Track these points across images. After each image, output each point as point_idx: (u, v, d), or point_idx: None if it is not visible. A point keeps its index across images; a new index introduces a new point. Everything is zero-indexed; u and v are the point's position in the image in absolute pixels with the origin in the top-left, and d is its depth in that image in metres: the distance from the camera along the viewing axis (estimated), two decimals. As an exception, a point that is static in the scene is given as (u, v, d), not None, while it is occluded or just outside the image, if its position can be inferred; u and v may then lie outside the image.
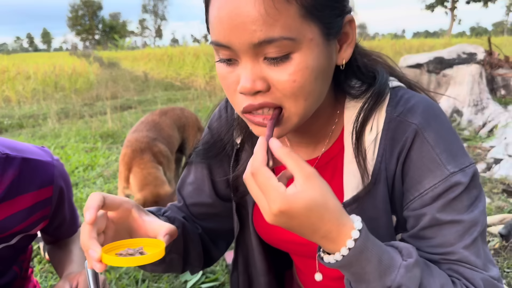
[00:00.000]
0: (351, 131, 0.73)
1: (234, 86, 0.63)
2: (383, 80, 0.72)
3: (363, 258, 0.59)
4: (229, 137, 0.88)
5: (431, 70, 5.06)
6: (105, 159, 4.55)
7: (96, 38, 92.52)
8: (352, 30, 0.67)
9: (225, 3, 0.59)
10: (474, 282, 0.67)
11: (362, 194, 0.72)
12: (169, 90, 11.14)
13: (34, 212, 0.96)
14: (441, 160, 0.67)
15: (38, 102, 9.35)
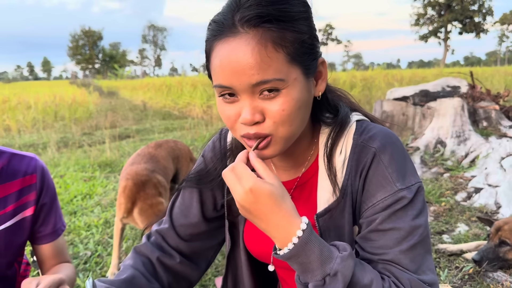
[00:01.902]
0: (323, 154, 0.89)
1: (234, 118, 0.79)
2: (344, 113, 0.90)
3: (308, 248, 0.72)
4: (222, 165, 1.00)
5: (416, 103, 5.29)
6: (103, 188, 4.69)
7: (96, 67, 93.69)
8: (324, 68, 0.84)
9: (227, 55, 0.74)
10: (401, 281, 0.79)
11: (332, 206, 0.86)
12: (167, 119, 11.33)
13: (22, 195, 1.17)
14: (392, 178, 0.82)
15: (38, 131, 9.50)
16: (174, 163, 3.14)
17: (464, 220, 3.30)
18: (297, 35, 0.75)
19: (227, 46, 0.74)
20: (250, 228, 1.02)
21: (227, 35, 0.75)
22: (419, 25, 53.23)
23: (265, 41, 0.73)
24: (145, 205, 2.62)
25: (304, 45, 0.77)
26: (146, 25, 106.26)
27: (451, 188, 3.94)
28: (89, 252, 3.06)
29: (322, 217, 0.87)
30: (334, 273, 0.73)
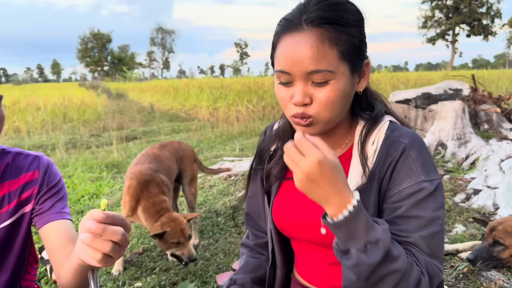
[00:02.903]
0: (358, 142, 1.02)
1: (288, 99, 0.95)
2: (379, 111, 1.04)
3: (359, 217, 0.82)
4: (268, 146, 1.19)
5: (418, 105, 5.34)
6: (109, 188, 4.80)
7: (105, 69, 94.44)
8: (367, 69, 1.00)
9: (291, 46, 0.91)
10: (419, 260, 0.90)
11: (361, 188, 0.97)
12: (174, 121, 11.46)
13: (24, 191, 1.19)
14: (417, 171, 0.94)
15: (47, 132, 9.68)
16: (178, 164, 3.23)
17: (462, 221, 3.35)
18: (350, 38, 0.91)
19: (293, 39, 0.91)
20: (278, 201, 1.14)
21: (294, 30, 0.91)
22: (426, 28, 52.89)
23: (323, 39, 0.89)
24: (148, 203, 2.72)
25: (354, 47, 0.92)
26: (155, 28, 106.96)
27: (450, 189, 3.99)
28: (95, 250, 3.16)
29: None
30: (376, 241, 0.83)
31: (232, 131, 8.84)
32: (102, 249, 0.79)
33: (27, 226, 1.22)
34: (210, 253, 3.09)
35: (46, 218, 1.19)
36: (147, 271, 2.87)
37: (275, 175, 1.15)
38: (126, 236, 0.81)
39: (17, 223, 1.19)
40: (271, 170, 1.16)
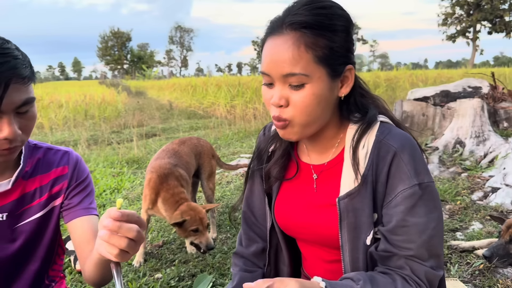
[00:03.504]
0: (349, 147, 1.02)
1: (269, 100, 0.98)
2: (372, 114, 1.03)
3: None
4: (267, 146, 1.19)
5: (437, 103, 5.31)
6: (130, 183, 4.93)
7: (125, 67, 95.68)
8: (351, 75, 0.99)
9: (271, 48, 0.95)
10: (418, 274, 0.93)
11: (353, 191, 0.98)
12: (192, 119, 11.59)
13: (54, 185, 1.23)
14: (410, 174, 0.95)
15: (69, 129, 9.90)
16: (196, 159, 3.32)
17: (479, 218, 3.35)
18: (329, 42, 0.93)
19: (273, 41, 0.95)
20: (280, 202, 1.16)
21: (275, 33, 0.95)
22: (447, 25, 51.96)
23: (299, 43, 0.91)
24: (167, 195, 2.82)
25: (333, 52, 0.93)
26: (173, 27, 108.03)
27: (467, 187, 3.98)
28: (117, 242, 3.27)
29: (342, 200, 1.00)
30: None
31: (249, 128, 8.91)
32: (118, 245, 0.86)
33: (57, 219, 1.27)
34: (228, 246, 3.16)
35: (74, 213, 1.25)
36: (167, 263, 2.96)
37: (275, 176, 1.16)
38: (141, 233, 0.88)
39: (47, 216, 1.24)
40: (270, 170, 1.17)
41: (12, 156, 1.06)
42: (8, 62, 0.96)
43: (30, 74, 1.02)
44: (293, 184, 1.14)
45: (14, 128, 1.00)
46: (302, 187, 1.12)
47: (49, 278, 1.33)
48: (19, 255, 1.21)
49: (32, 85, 1.05)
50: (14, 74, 0.97)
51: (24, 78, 0.99)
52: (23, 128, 1.04)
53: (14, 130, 1.00)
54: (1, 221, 1.15)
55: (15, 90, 0.98)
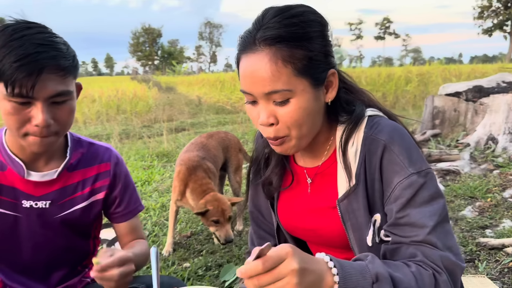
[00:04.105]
0: (339, 147, 1.00)
1: (257, 119, 0.94)
2: (359, 111, 1.00)
3: (347, 270, 0.78)
4: (263, 151, 1.17)
5: (469, 99, 5.19)
6: (160, 175, 5.07)
7: (155, 63, 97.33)
8: (335, 79, 0.96)
9: (247, 67, 0.91)
10: (433, 259, 0.86)
11: (349, 192, 0.96)
12: (220, 114, 11.71)
13: (97, 180, 1.30)
14: (404, 164, 0.91)
15: (102, 123, 10.20)
16: (224, 153, 3.39)
17: (510, 216, 3.28)
18: (306, 52, 0.89)
19: (248, 59, 0.91)
20: (282, 208, 1.16)
21: (249, 50, 0.91)
22: (483, 18, 50.17)
23: (276, 58, 0.87)
24: (195, 185, 2.91)
25: (312, 61, 0.90)
26: (203, 22, 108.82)
27: (499, 184, 3.89)
28: (147, 232, 3.39)
29: (342, 202, 0.98)
30: (376, 276, 0.79)
31: (277, 123, 8.91)
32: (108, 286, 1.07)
33: (97, 211, 1.35)
34: (254, 238, 3.22)
35: (120, 218, 1.38)
36: (195, 253, 3.05)
37: (274, 186, 1.14)
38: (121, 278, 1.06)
39: (89, 208, 1.31)
40: (269, 178, 1.15)
41: (44, 146, 1.10)
42: (47, 52, 1.01)
43: (70, 68, 1.07)
44: (290, 191, 1.14)
45: (46, 117, 1.04)
46: (299, 193, 1.12)
47: (82, 265, 1.42)
48: (59, 243, 1.28)
49: (73, 80, 1.10)
50: (50, 64, 1.01)
51: (62, 70, 1.04)
52: (57, 118, 1.08)
53: (46, 119, 1.04)
54: (44, 208, 1.22)
55: (49, 79, 1.02)
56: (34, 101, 1.03)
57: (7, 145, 1.18)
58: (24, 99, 1.02)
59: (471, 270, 2.52)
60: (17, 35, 1.00)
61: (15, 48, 0.99)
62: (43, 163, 1.21)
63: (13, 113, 1.03)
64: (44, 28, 1.07)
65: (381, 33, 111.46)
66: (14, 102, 1.02)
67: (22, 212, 1.20)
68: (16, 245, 1.23)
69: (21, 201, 1.19)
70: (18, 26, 1.03)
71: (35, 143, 1.08)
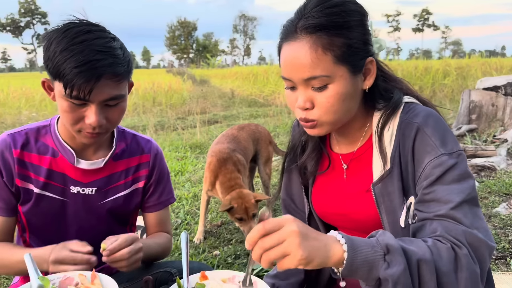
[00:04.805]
0: (375, 132, 1.03)
1: (294, 103, 1.00)
2: (397, 98, 1.04)
3: (357, 244, 0.80)
4: (300, 139, 1.22)
5: (508, 93, 5.01)
6: (193, 166, 5.20)
7: (190, 56, 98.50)
8: (373, 66, 1.00)
9: (288, 54, 0.96)
10: (455, 233, 0.87)
11: (384, 175, 1.00)
12: (253, 107, 11.78)
13: (138, 169, 1.38)
14: (435, 145, 0.93)
15: (139, 115, 10.47)
16: (254, 145, 3.45)
17: (546, 214, 3.18)
18: (345, 40, 0.93)
19: (289, 47, 0.96)
20: (316, 193, 1.19)
21: (290, 38, 0.96)
22: (530, 8, 47.63)
23: (316, 46, 0.92)
24: (224, 179, 2.99)
25: (351, 49, 0.94)
26: (237, 15, 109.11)
27: (537, 182, 3.77)
28: (179, 220, 3.50)
29: (376, 185, 1.01)
30: (387, 248, 0.81)
31: (309, 117, 8.89)
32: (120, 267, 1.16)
33: (138, 201, 1.42)
34: (282, 229, 3.28)
35: (151, 208, 1.45)
36: (225, 241, 3.14)
37: (310, 171, 1.18)
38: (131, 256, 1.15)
39: (130, 195, 1.39)
40: (305, 164, 1.19)
41: (94, 140, 1.20)
42: (105, 60, 1.08)
43: (125, 73, 1.14)
44: (326, 176, 1.18)
45: (99, 118, 1.12)
46: (334, 178, 1.16)
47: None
48: (100, 228, 1.36)
49: (127, 82, 1.18)
50: (108, 71, 1.08)
51: (117, 76, 1.11)
52: (109, 118, 1.16)
53: (99, 120, 1.12)
54: (90, 194, 1.32)
55: (105, 85, 1.09)
56: (89, 103, 1.11)
57: (59, 133, 1.27)
58: (81, 101, 1.10)
59: (502, 267, 2.48)
60: (78, 39, 1.07)
61: (76, 53, 1.06)
62: (91, 152, 1.30)
63: (69, 111, 1.12)
64: (103, 32, 1.13)
65: (420, 25, 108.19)
66: (71, 102, 1.10)
67: (69, 197, 1.29)
68: (63, 228, 1.32)
69: (69, 187, 1.28)
70: (80, 29, 1.10)
71: (86, 138, 1.18)
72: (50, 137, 1.28)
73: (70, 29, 1.09)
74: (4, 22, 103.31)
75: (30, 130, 1.29)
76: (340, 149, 1.15)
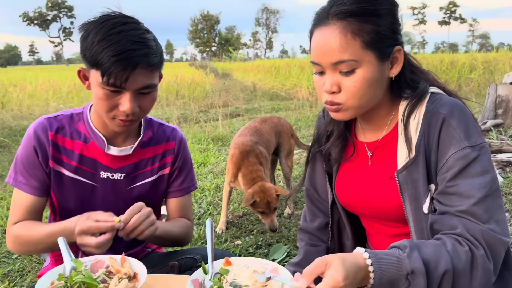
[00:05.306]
0: (401, 121, 1.06)
1: (321, 87, 1.03)
2: (422, 88, 1.06)
3: (381, 261, 0.86)
4: (326, 129, 1.25)
5: (536, 88, 4.89)
6: (215, 158, 5.28)
7: (213, 50, 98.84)
8: (400, 55, 1.03)
9: (319, 39, 1.00)
10: (473, 232, 0.91)
11: (409, 163, 1.02)
12: (274, 100, 11.78)
13: (164, 156, 1.43)
14: (460, 137, 0.96)
15: (162, 107, 10.60)
16: (276, 138, 3.50)
17: None
18: (375, 27, 0.97)
19: (320, 32, 1.00)
20: (340, 180, 1.22)
21: (322, 24, 1.00)
22: None
23: (346, 31, 0.96)
24: (247, 171, 3.06)
25: (380, 35, 0.97)
26: (260, 8, 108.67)
27: None
28: (202, 210, 3.59)
29: (401, 173, 1.03)
30: (411, 270, 0.86)
31: (331, 110, 8.85)
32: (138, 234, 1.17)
33: (164, 186, 1.47)
34: (303, 221, 3.32)
35: (173, 193, 1.49)
36: (246, 232, 3.21)
37: (334, 158, 1.22)
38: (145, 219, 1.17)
39: (157, 182, 1.44)
40: (329, 151, 1.23)
41: (129, 127, 1.26)
42: (141, 50, 1.13)
43: (158, 63, 1.19)
44: (350, 163, 1.21)
45: (133, 105, 1.17)
46: (359, 165, 1.18)
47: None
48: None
49: (158, 73, 1.23)
50: (143, 61, 1.13)
51: (151, 66, 1.17)
52: (141, 106, 1.22)
53: (133, 107, 1.17)
54: (119, 180, 1.38)
55: (140, 74, 1.15)
56: (124, 91, 1.16)
57: (91, 121, 1.34)
58: (116, 89, 1.15)
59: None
60: (115, 30, 1.13)
61: (114, 43, 1.11)
62: (121, 140, 1.36)
63: (104, 99, 1.17)
64: (138, 24, 1.19)
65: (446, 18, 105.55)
66: (107, 89, 1.15)
67: (99, 182, 1.36)
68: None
69: (99, 172, 1.35)
70: (117, 21, 1.15)
71: (119, 126, 1.24)
72: (82, 124, 1.34)
73: (107, 21, 1.15)
74: (32, 16, 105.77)
75: (65, 116, 1.35)
76: (365, 137, 1.18)
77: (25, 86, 12.58)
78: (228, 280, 1.01)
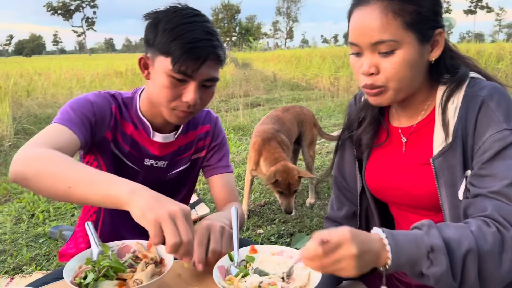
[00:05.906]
0: (439, 105, 1.02)
1: (358, 69, 1.00)
2: (461, 73, 1.03)
3: (398, 239, 0.81)
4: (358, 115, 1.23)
5: None
6: (236, 148, 5.29)
7: (233, 39, 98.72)
8: (441, 38, 1.00)
9: (358, 19, 0.98)
10: (504, 213, 0.87)
11: (446, 149, 0.99)
12: (295, 90, 11.71)
13: (200, 140, 1.43)
14: (499, 119, 0.93)
15: (183, 97, 10.72)
16: (298, 127, 3.46)
17: None
18: (416, 8, 0.94)
19: (360, 12, 0.98)
20: (371, 166, 1.19)
21: (362, 4, 0.98)
22: None
23: (387, 11, 0.93)
24: (269, 154, 3.04)
25: (421, 17, 0.95)
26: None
27: None
28: (223, 199, 3.60)
29: (437, 159, 1.01)
30: (431, 247, 0.82)
31: (353, 101, 8.76)
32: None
33: (198, 169, 1.48)
34: (325, 212, 3.30)
35: (213, 170, 1.47)
36: (268, 221, 3.21)
37: (366, 143, 1.19)
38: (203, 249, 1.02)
39: (192, 166, 1.44)
40: (360, 136, 1.20)
41: (184, 120, 1.25)
42: (212, 41, 1.15)
43: (224, 58, 1.21)
44: (383, 149, 1.18)
45: (196, 96, 1.17)
46: (392, 151, 1.15)
47: None
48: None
49: (220, 67, 1.23)
50: (214, 52, 1.15)
51: (218, 58, 1.18)
52: (202, 99, 1.21)
53: (196, 98, 1.17)
54: (162, 168, 1.38)
55: (209, 65, 1.15)
56: (190, 81, 1.16)
57: (139, 106, 1.33)
58: (184, 77, 1.15)
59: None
60: (189, 19, 1.14)
61: (188, 31, 1.12)
62: (165, 127, 1.35)
63: (169, 87, 1.16)
64: (207, 17, 1.20)
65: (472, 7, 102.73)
66: (174, 78, 1.14)
67: (142, 168, 1.35)
68: None
69: (144, 159, 1.35)
70: (189, 12, 1.17)
71: (178, 117, 1.22)
72: (131, 109, 1.33)
73: (179, 11, 1.16)
74: (56, 6, 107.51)
75: (122, 97, 1.33)
76: (400, 122, 1.15)
77: (49, 75, 12.82)
78: (253, 267, 1.01)
